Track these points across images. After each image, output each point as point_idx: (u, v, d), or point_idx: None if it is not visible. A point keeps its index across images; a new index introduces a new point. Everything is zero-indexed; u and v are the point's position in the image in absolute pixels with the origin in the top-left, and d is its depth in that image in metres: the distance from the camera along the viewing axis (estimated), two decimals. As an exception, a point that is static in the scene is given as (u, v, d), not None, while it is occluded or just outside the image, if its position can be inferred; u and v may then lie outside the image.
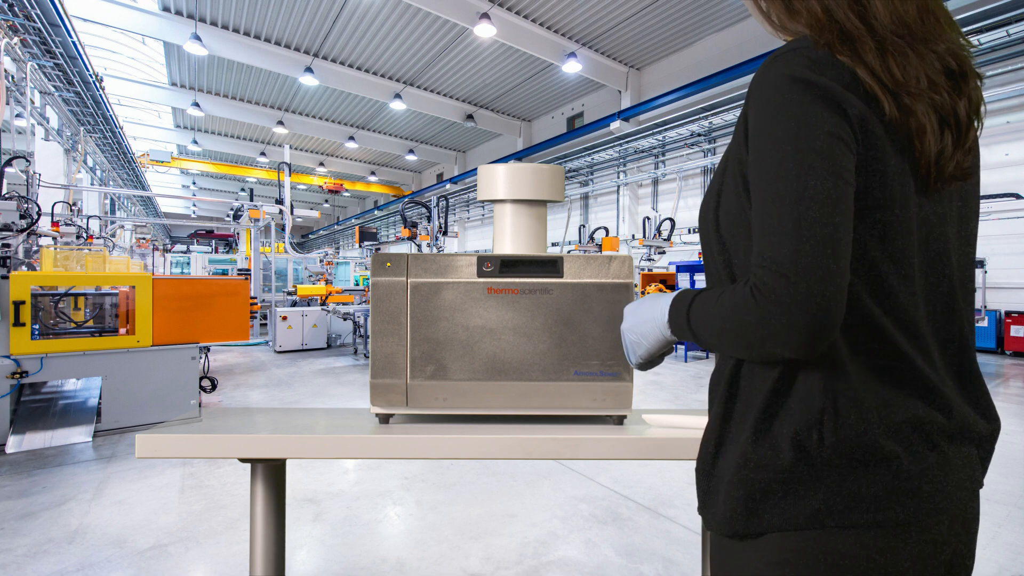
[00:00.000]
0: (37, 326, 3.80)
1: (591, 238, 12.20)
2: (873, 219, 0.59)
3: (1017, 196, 7.74)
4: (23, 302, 3.55)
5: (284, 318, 8.40)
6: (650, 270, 10.79)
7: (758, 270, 0.57)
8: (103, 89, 11.37)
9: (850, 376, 0.60)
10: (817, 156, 0.56)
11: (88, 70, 9.82)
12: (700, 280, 8.48)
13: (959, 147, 0.62)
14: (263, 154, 22.23)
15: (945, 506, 0.59)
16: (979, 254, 7.83)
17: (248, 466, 1.14)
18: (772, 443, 0.61)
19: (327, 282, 12.76)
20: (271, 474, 1.07)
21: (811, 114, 0.57)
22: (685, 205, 12.89)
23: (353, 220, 30.49)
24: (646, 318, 0.79)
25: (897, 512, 0.57)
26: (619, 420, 1.05)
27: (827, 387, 0.59)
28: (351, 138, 19.73)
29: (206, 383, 5.20)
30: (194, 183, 28.86)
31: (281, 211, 9.90)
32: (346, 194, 28.56)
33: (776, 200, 0.57)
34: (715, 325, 0.64)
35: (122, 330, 4.27)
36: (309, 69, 13.18)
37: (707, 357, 8.11)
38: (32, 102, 8.30)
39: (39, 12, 7.81)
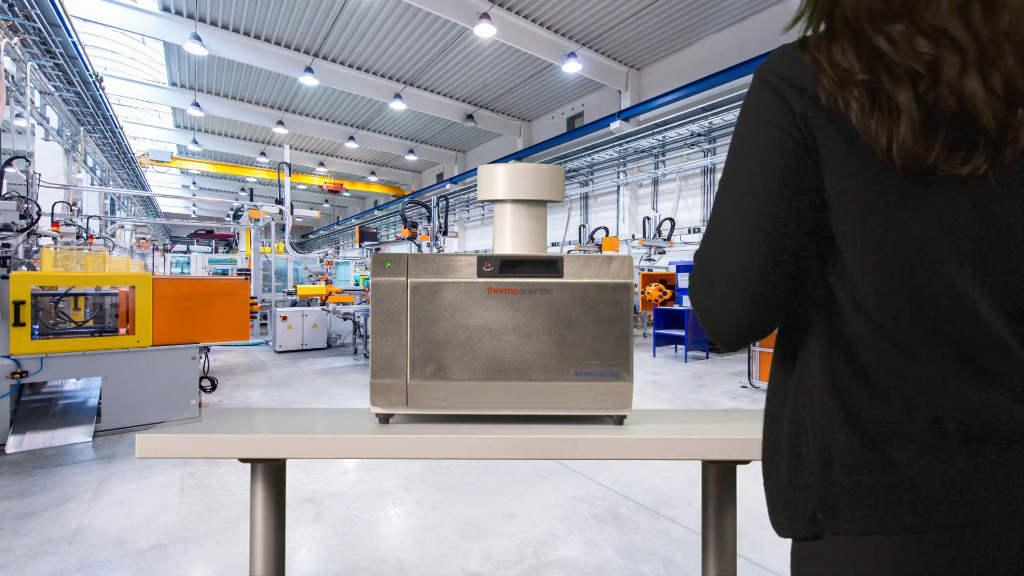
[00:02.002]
0: (37, 326, 3.80)
1: (591, 238, 12.22)
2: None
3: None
4: (23, 302, 3.55)
5: (284, 318, 8.40)
6: (650, 270, 10.80)
7: (695, 261, 0.62)
8: (103, 89, 11.36)
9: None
10: (756, 160, 0.57)
11: (88, 70, 9.81)
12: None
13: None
14: (263, 154, 22.22)
15: (1002, 511, 0.56)
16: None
17: (248, 466, 1.14)
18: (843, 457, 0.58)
19: (327, 282, 12.76)
20: (271, 474, 1.07)
21: (764, 112, 0.59)
22: (685, 205, 12.87)
23: (353, 220, 30.48)
24: None
25: (958, 517, 0.55)
26: (619, 420, 1.05)
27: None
28: (351, 138, 19.73)
29: (206, 383, 5.19)
30: (194, 183, 28.85)
31: (281, 211, 9.91)
32: (346, 194, 28.56)
33: (717, 199, 0.60)
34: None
35: (122, 330, 4.27)
36: (309, 69, 13.18)
37: (707, 357, 8.10)
38: (32, 102, 8.30)
39: (39, 12, 7.80)
